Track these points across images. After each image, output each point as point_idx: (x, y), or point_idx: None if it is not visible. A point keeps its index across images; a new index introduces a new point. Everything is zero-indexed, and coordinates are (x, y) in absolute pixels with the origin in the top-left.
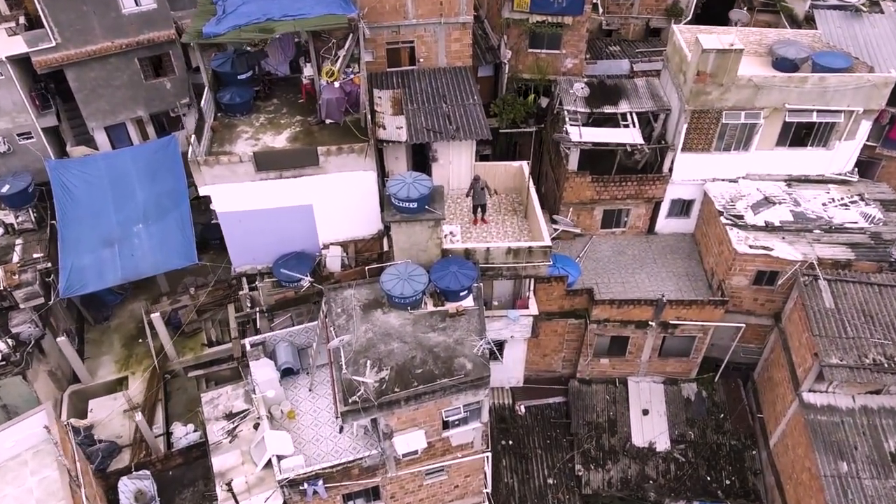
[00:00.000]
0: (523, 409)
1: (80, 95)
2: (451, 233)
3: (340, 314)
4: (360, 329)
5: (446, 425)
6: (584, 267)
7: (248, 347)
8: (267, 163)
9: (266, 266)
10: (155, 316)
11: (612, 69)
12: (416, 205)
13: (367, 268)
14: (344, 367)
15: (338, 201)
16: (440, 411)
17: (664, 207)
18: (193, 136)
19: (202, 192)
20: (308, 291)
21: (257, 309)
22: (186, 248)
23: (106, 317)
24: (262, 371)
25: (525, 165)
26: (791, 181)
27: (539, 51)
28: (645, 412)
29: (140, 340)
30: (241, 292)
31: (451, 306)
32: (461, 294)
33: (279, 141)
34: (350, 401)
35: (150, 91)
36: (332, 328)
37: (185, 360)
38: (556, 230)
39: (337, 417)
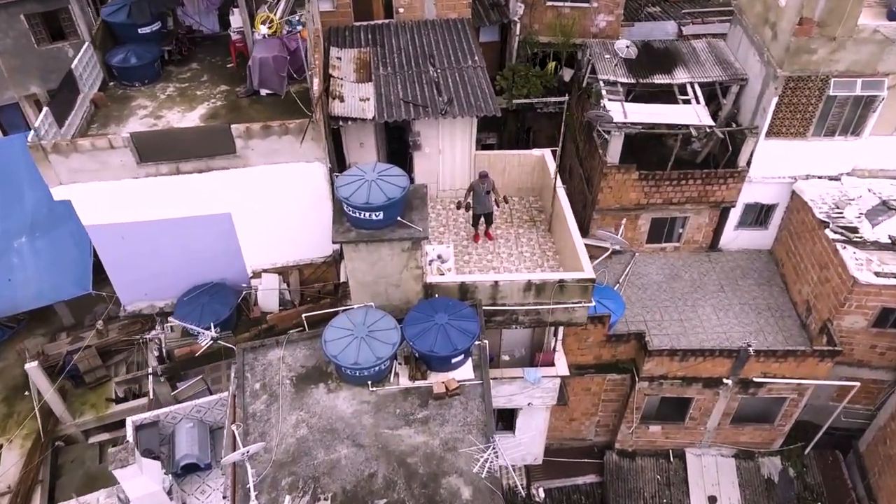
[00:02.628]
0: (542, 493)
1: None
2: (438, 257)
3: (259, 392)
4: (289, 420)
5: None
6: (626, 297)
7: (129, 432)
8: (153, 149)
9: (170, 302)
10: (31, 367)
11: (655, 33)
12: (381, 215)
13: (304, 315)
14: (252, 496)
15: (270, 208)
16: None
17: (734, 214)
18: (47, 109)
19: (56, 194)
20: (227, 343)
21: (149, 370)
22: (81, 272)
23: None
24: (135, 484)
25: (549, 155)
26: None
27: (562, 3)
28: (712, 500)
29: (26, 393)
30: (151, 333)
31: (437, 381)
32: (454, 361)
33: (190, 119)
34: None
35: (46, 60)
36: (238, 425)
37: (83, 421)
38: (602, 249)
39: None
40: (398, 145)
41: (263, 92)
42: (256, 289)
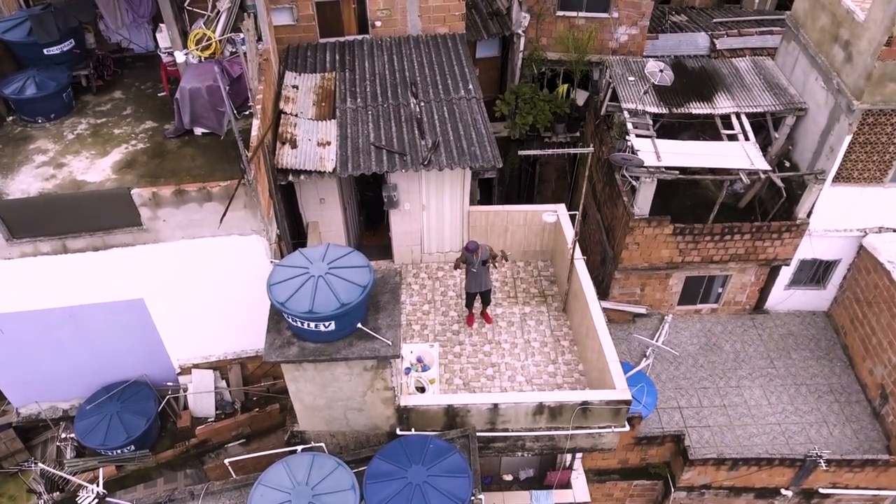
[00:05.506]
0: None
1: None
2: (418, 360)
3: None
4: None
5: None
6: (654, 375)
7: None
8: (28, 223)
9: (77, 402)
10: None
11: (683, 46)
12: (332, 325)
13: (227, 460)
14: None
15: (196, 291)
16: None
17: (786, 272)
18: None
19: None
20: (166, 459)
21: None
22: None
23: None
24: None
25: (563, 213)
26: None
27: (575, 14)
28: None
29: None
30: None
31: None
32: None
33: (100, 168)
34: None
35: None
36: None
37: None
38: (624, 313)
39: None
40: (374, 193)
41: (198, 131)
42: (186, 389)
